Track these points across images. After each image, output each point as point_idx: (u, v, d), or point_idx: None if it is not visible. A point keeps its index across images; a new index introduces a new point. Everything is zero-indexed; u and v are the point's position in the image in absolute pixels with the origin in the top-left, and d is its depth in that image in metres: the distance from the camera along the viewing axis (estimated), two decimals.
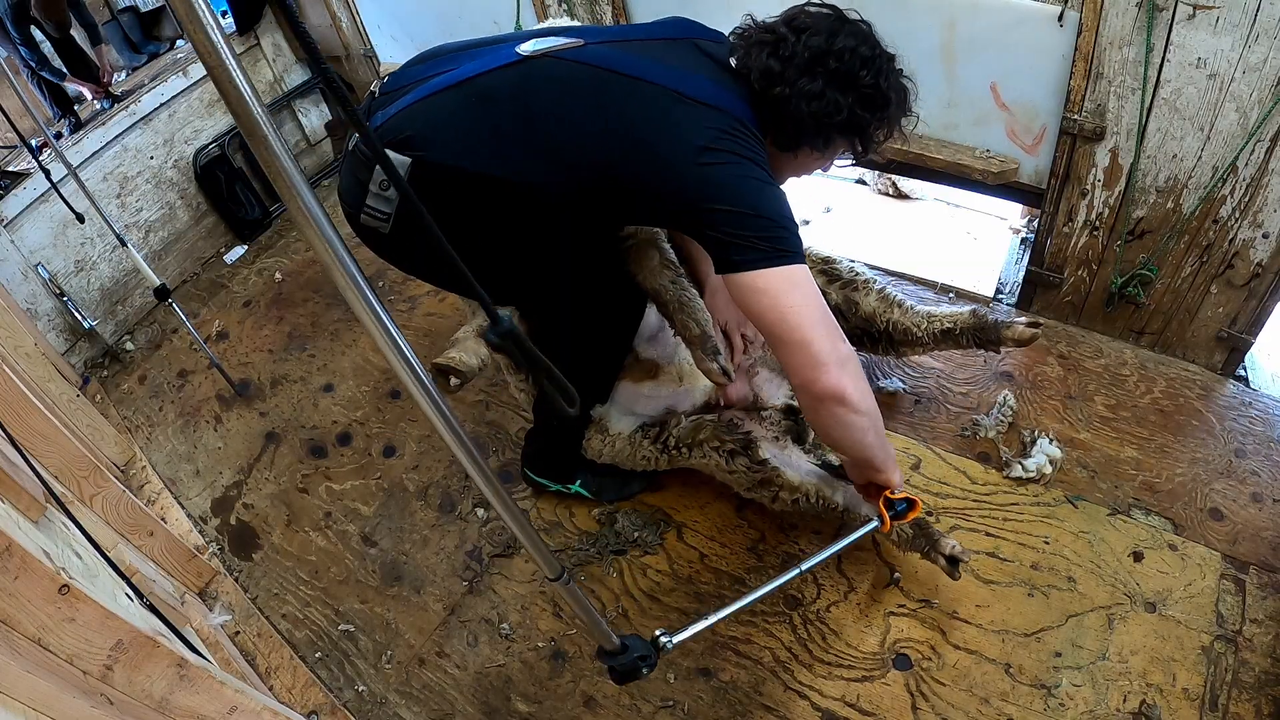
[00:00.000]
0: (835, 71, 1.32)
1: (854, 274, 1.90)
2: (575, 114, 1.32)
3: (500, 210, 1.37)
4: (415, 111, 1.33)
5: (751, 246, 1.25)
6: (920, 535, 1.64)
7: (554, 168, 1.33)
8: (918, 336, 1.83)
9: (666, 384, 1.81)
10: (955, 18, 1.86)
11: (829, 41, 1.31)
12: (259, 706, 1.22)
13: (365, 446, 2.26)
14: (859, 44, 1.33)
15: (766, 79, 1.33)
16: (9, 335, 2.30)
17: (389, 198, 1.33)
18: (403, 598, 1.91)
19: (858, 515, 1.68)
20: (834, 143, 1.40)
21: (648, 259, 1.64)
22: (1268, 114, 1.58)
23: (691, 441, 1.76)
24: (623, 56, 1.33)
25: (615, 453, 1.84)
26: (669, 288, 1.63)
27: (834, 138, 1.39)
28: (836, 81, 1.32)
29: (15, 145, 2.81)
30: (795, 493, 1.71)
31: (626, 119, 1.30)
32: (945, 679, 1.59)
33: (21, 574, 1.04)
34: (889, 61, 1.37)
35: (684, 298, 1.63)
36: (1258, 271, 1.82)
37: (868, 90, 1.34)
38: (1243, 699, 1.49)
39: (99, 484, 1.84)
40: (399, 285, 2.73)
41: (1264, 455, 1.86)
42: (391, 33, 2.97)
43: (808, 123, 1.34)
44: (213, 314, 2.86)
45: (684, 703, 1.64)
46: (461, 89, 1.33)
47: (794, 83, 1.31)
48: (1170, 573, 1.67)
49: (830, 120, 1.34)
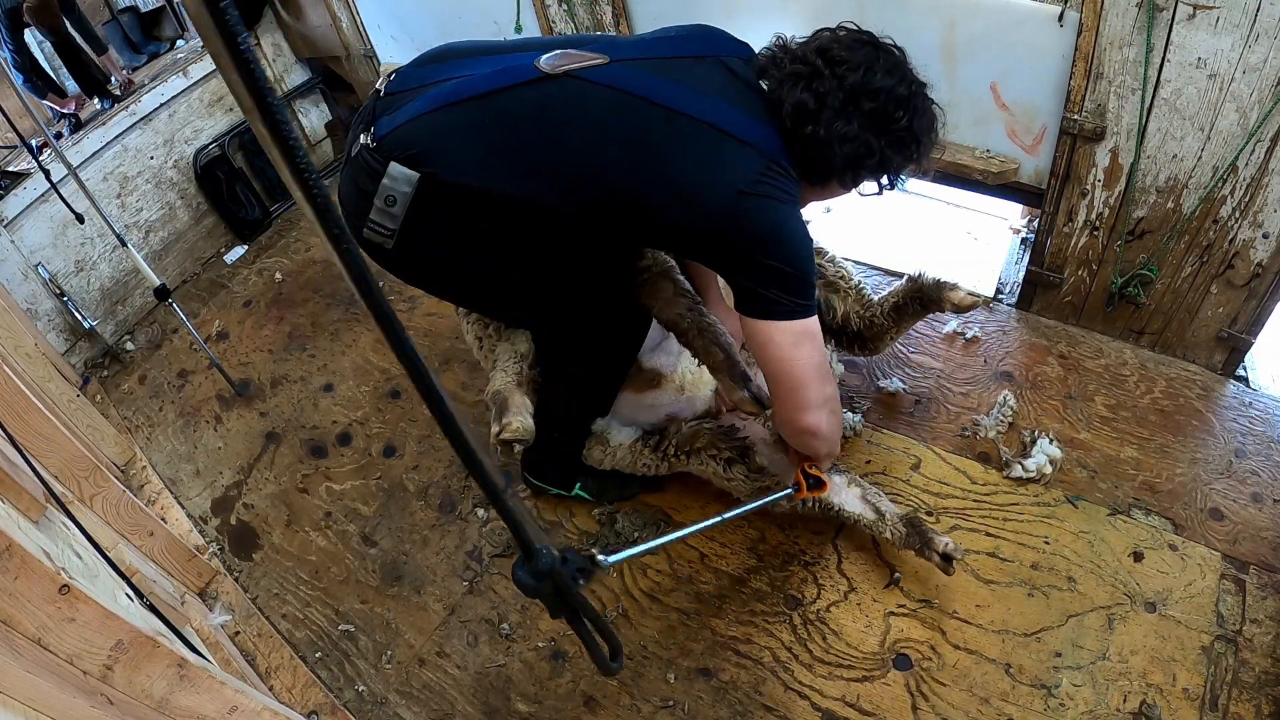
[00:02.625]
0: (870, 113, 1.29)
1: (838, 276, 1.91)
2: (603, 144, 1.28)
3: (510, 229, 1.34)
4: (426, 124, 1.28)
5: (775, 301, 1.32)
6: (914, 533, 1.64)
7: (575, 195, 1.30)
8: (880, 324, 1.86)
9: (669, 392, 1.82)
10: (955, 18, 1.86)
11: (865, 80, 1.28)
12: (259, 706, 1.22)
13: (365, 446, 2.26)
14: (896, 83, 1.30)
15: (800, 117, 1.29)
16: (9, 335, 2.30)
17: (394, 214, 1.30)
18: (403, 598, 1.91)
19: (867, 520, 1.69)
20: (862, 179, 1.40)
21: (662, 290, 1.63)
22: (1268, 114, 1.58)
23: (690, 449, 1.77)
24: (651, 80, 1.29)
25: (616, 461, 1.85)
26: (686, 315, 1.62)
27: (863, 177, 1.38)
28: (871, 124, 1.30)
29: (15, 145, 2.80)
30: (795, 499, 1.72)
31: (661, 154, 1.27)
32: (945, 679, 1.59)
33: (21, 574, 1.04)
34: (923, 98, 1.35)
35: (703, 324, 1.61)
36: (1258, 271, 1.82)
37: (901, 133, 1.32)
38: (1243, 699, 1.49)
39: (99, 484, 1.84)
40: (399, 285, 2.72)
41: (1264, 455, 1.86)
42: (391, 33, 2.97)
43: (838, 163, 1.33)
44: (213, 314, 2.86)
45: (684, 703, 1.64)
46: (478, 105, 1.28)
47: (829, 125, 1.29)
48: (1170, 573, 1.67)
49: (862, 163, 1.34)
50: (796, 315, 1.34)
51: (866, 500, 1.71)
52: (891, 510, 1.70)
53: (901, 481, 1.92)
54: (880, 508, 1.70)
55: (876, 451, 1.99)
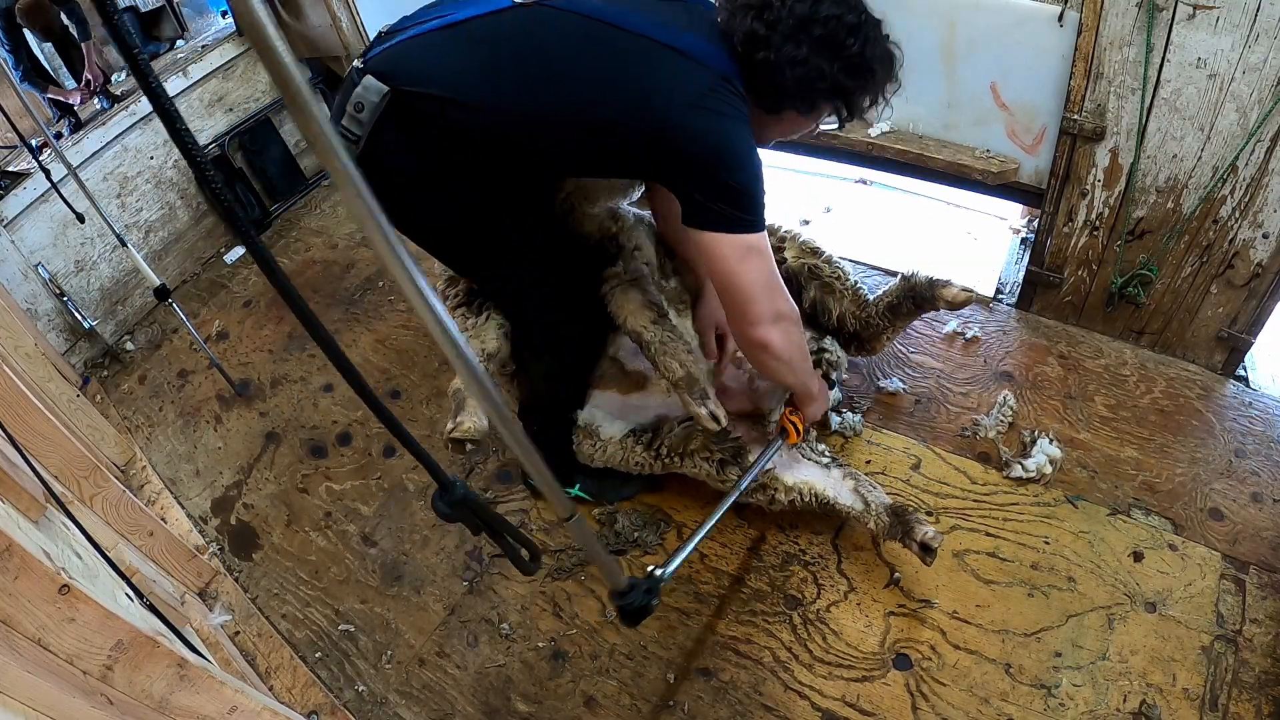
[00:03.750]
0: (820, 39, 1.32)
1: (834, 277, 1.91)
2: (565, 58, 1.34)
3: (469, 161, 1.39)
4: (404, 46, 1.37)
5: (719, 213, 1.35)
6: (897, 522, 1.65)
7: (538, 105, 1.35)
8: (876, 325, 1.87)
9: (655, 394, 1.82)
10: (955, 18, 1.86)
11: (814, 8, 1.31)
12: (259, 706, 1.22)
13: (365, 446, 2.26)
14: (844, 11, 1.33)
15: (750, 43, 1.34)
16: (9, 335, 2.30)
17: (361, 120, 1.35)
18: (403, 598, 1.91)
19: (855, 511, 1.69)
20: (818, 107, 1.41)
21: (629, 300, 1.67)
22: (1268, 114, 1.58)
23: (683, 451, 1.77)
24: (614, 9, 1.35)
25: (607, 457, 1.84)
26: (650, 329, 1.65)
27: (818, 102, 1.40)
28: (821, 48, 1.32)
29: (15, 145, 2.80)
30: (790, 493, 1.73)
31: (616, 67, 1.33)
32: (945, 679, 1.59)
33: (21, 574, 1.04)
34: (875, 28, 1.37)
35: (665, 339, 1.64)
36: (1258, 271, 1.82)
37: (854, 59, 1.34)
38: (1243, 699, 1.49)
39: (99, 484, 1.84)
40: (399, 285, 2.72)
41: (1264, 455, 1.86)
42: None
43: (791, 88, 1.36)
44: (213, 314, 2.86)
45: (684, 703, 1.64)
46: (453, 30, 1.36)
47: (779, 49, 1.32)
48: (1170, 573, 1.67)
49: (814, 86, 1.36)
50: (741, 229, 1.37)
51: (858, 493, 1.72)
52: (879, 500, 1.70)
53: (901, 481, 1.92)
54: (869, 499, 1.70)
55: (876, 451, 1.99)
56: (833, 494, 1.72)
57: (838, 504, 1.71)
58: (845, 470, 1.76)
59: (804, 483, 1.72)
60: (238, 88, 3.12)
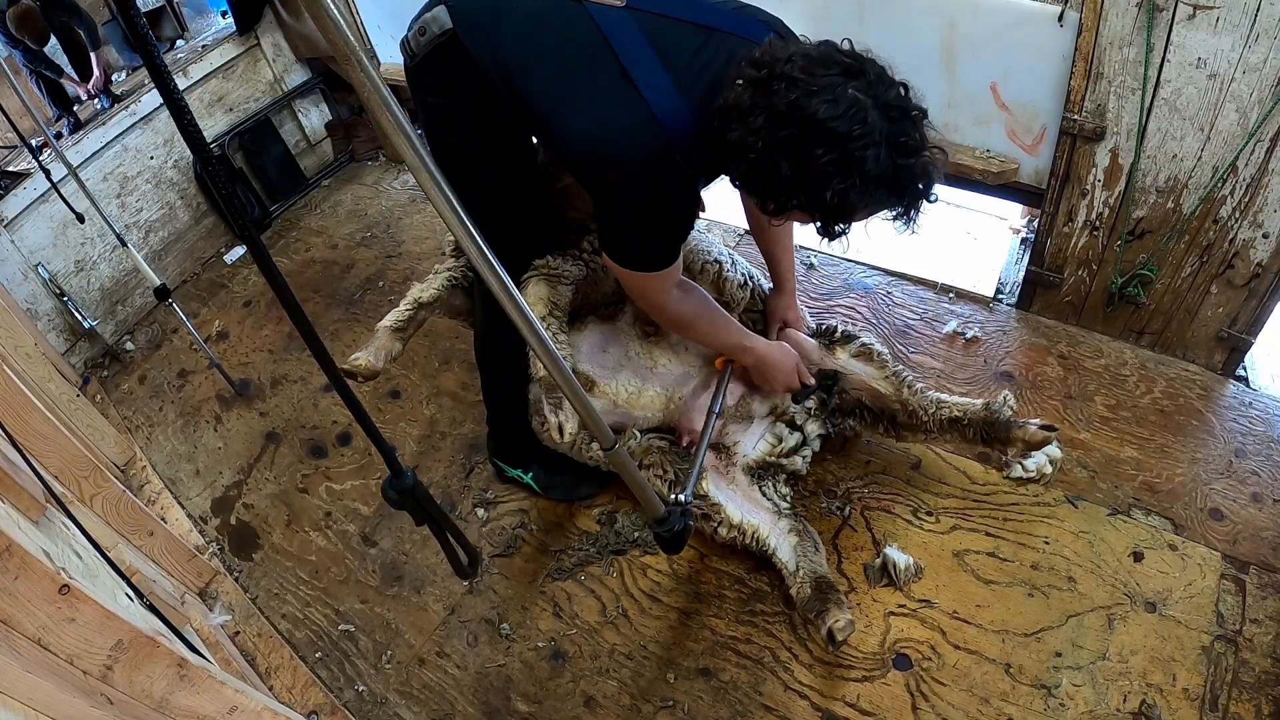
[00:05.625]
0: (785, 140, 1.16)
1: (876, 354, 1.85)
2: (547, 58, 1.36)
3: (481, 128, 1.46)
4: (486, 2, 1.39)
5: (626, 252, 1.45)
6: (816, 596, 1.59)
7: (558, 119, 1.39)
8: (923, 422, 1.80)
9: (601, 401, 1.78)
10: (955, 18, 1.86)
11: (798, 102, 1.14)
12: (259, 706, 1.22)
13: (365, 446, 2.26)
14: (836, 118, 1.13)
15: (723, 117, 1.22)
16: (9, 335, 2.30)
17: (420, 42, 1.40)
18: (403, 598, 1.91)
19: (785, 570, 1.67)
20: (782, 204, 1.24)
21: (532, 293, 1.64)
22: (1268, 114, 1.58)
23: (640, 462, 1.75)
24: (628, 28, 1.31)
25: (564, 445, 1.78)
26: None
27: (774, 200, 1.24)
28: (784, 149, 1.16)
29: (15, 145, 2.80)
30: (733, 530, 1.71)
31: (577, 86, 1.34)
32: (945, 679, 1.59)
33: (21, 574, 1.04)
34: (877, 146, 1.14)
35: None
36: (1258, 271, 1.82)
37: (816, 171, 1.15)
38: (1243, 699, 1.49)
39: (99, 484, 1.84)
40: (398, 285, 2.73)
41: (1264, 455, 1.86)
42: (391, 32, 2.97)
43: (741, 173, 1.25)
44: (213, 314, 2.86)
45: (684, 703, 1.64)
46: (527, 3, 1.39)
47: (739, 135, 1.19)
48: (1170, 573, 1.67)
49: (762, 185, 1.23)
50: (640, 268, 1.46)
51: (796, 551, 1.68)
52: (810, 569, 1.64)
53: (901, 481, 1.92)
54: (800, 563, 1.65)
55: (876, 451, 1.99)
56: (773, 544, 1.69)
57: (775, 556, 1.69)
58: (794, 524, 1.72)
59: (750, 525, 1.71)
60: (238, 88, 3.12)
